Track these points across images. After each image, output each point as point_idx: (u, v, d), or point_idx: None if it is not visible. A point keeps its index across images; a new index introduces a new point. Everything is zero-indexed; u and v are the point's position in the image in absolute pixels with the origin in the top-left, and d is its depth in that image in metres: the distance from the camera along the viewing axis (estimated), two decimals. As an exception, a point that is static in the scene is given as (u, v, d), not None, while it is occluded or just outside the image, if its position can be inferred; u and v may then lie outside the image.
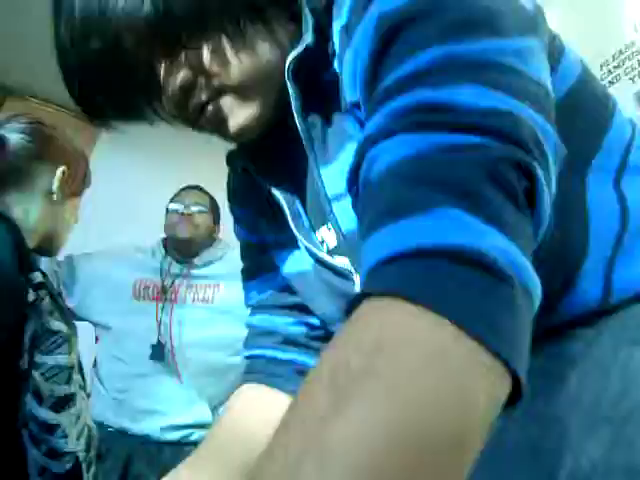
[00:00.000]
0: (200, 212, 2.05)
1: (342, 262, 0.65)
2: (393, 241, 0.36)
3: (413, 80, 0.42)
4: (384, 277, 0.36)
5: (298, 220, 0.69)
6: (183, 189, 2.15)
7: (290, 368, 0.81)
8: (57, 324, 1.02)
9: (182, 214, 2.03)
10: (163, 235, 2.12)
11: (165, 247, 2.09)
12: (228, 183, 0.84)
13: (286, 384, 0.80)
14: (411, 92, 0.42)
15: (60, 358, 1.03)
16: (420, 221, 0.36)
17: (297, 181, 0.69)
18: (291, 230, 0.69)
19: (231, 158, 0.77)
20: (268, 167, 0.70)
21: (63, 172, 1.14)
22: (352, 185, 0.47)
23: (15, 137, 1.09)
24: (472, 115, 0.39)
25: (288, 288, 0.79)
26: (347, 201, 0.60)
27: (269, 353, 0.82)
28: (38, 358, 0.97)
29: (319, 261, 0.67)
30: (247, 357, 0.85)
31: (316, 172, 0.63)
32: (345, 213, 0.62)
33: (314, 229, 0.69)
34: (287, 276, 0.76)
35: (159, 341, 1.89)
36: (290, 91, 0.59)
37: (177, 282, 2.00)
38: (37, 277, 1.00)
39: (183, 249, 2.04)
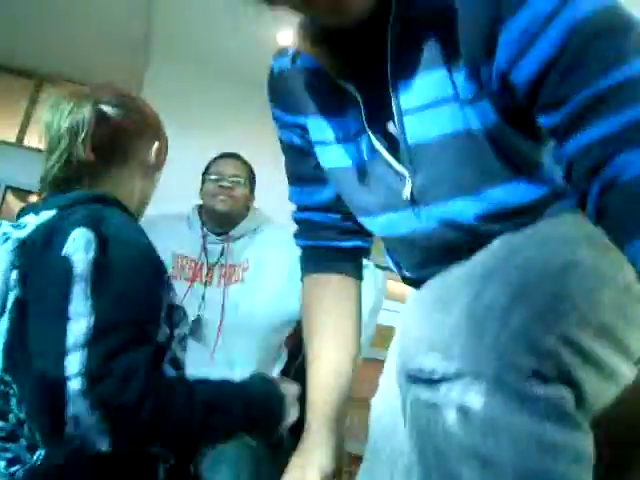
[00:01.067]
0: (238, 184, 1.99)
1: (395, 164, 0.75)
2: None
3: (629, 92, 0.55)
4: None
5: (367, 116, 0.75)
6: (220, 157, 2.08)
7: (352, 255, 0.94)
8: (177, 299, 1.05)
9: (221, 186, 1.97)
10: (198, 202, 2.07)
11: (200, 215, 2.04)
12: (272, 86, 0.89)
13: (351, 269, 0.94)
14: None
15: (185, 329, 1.07)
16: None
17: (365, 83, 0.75)
18: (340, 128, 0.79)
19: (296, 55, 0.83)
20: (343, 64, 0.75)
21: (158, 148, 1.15)
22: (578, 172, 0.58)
23: (114, 112, 1.08)
24: None
25: (328, 206, 0.90)
26: (418, 117, 0.70)
27: (332, 243, 0.93)
28: (174, 331, 1.01)
29: (378, 155, 0.76)
30: (305, 247, 0.96)
31: (391, 83, 0.71)
32: (414, 127, 0.71)
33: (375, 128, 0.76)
34: (329, 170, 0.84)
35: (199, 316, 1.85)
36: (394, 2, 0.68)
37: (217, 262, 1.96)
38: None
39: (221, 221, 1.99)
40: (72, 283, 0.86)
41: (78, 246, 0.88)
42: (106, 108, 1.07)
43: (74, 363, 0.82)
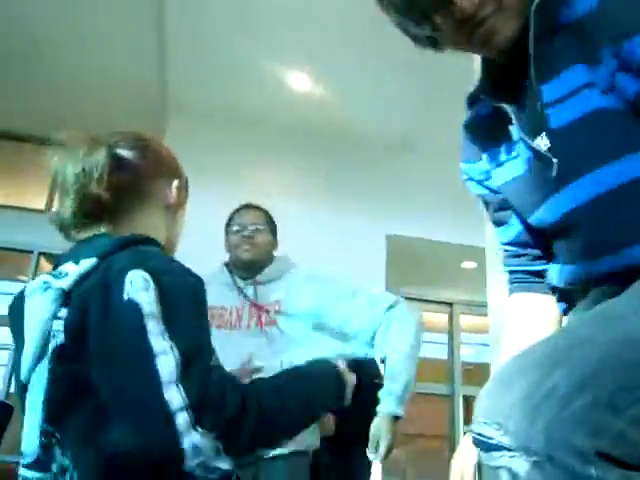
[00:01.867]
0: (258, 231, 2.09)
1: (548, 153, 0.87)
2: None
3: None
4: None
5: (519, 124, 0.90)
6: (238, 209, 2.18)
7: (541, 276, 1.08)
8: None
9: (243, 236, 2.07)
10: (225, 260, 2.16)
11: (227, 266, 2.13)
12: (463, 145, 1.08)
13: (543, 288, 1.08)
14: None
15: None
16: None
17: (518, 98, 0.91)
18: (508, 148, 0.95)
19: (470, 99, 1.02)
20: (497, 86, 0.94)
21: (177, 186, 1.16)
22: None
23: (129, 154, 1.09)
24: None
25: (517, 239, 1.07)
26: (559, 106, 0.84)
27: (528, 268, 1.10)
28: None
29: (534, 152, 0.89)
30: (509, 271, 1.15)
31: (536, 86, 0.86)
32: (554, 115, 0.85)
33: (530, 135, 0.90)
34: (503, 187, 1.01)
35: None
36: (531, 20, 0.83)
37: (246, 306, 2.03)
38: None
39: (247, 268, 2.08)
40: (146, 323, 0.87)
41: (138, 287, 0.88)
42: (122, 152, 1.09)
43: (175, 398, 0.83)
